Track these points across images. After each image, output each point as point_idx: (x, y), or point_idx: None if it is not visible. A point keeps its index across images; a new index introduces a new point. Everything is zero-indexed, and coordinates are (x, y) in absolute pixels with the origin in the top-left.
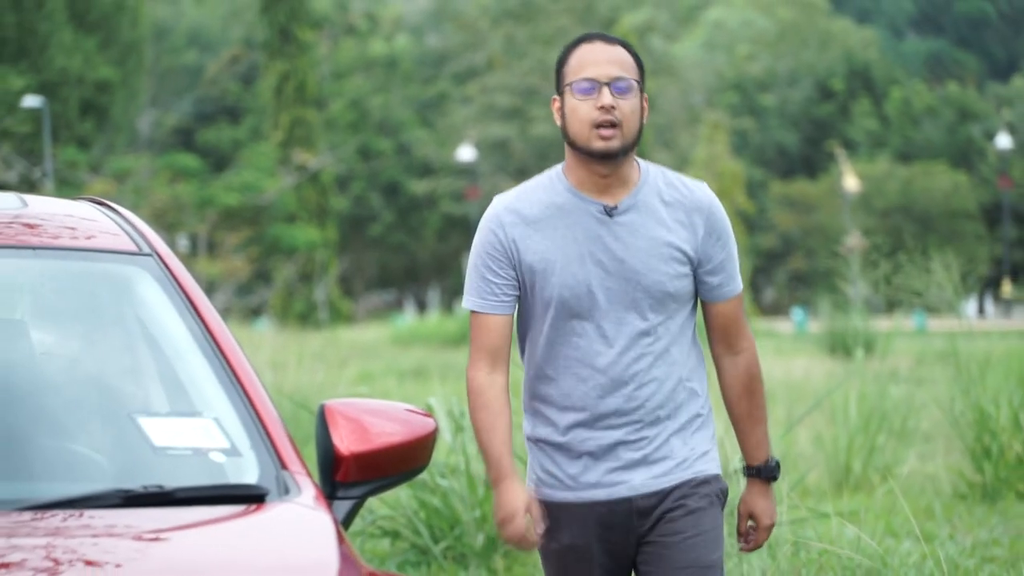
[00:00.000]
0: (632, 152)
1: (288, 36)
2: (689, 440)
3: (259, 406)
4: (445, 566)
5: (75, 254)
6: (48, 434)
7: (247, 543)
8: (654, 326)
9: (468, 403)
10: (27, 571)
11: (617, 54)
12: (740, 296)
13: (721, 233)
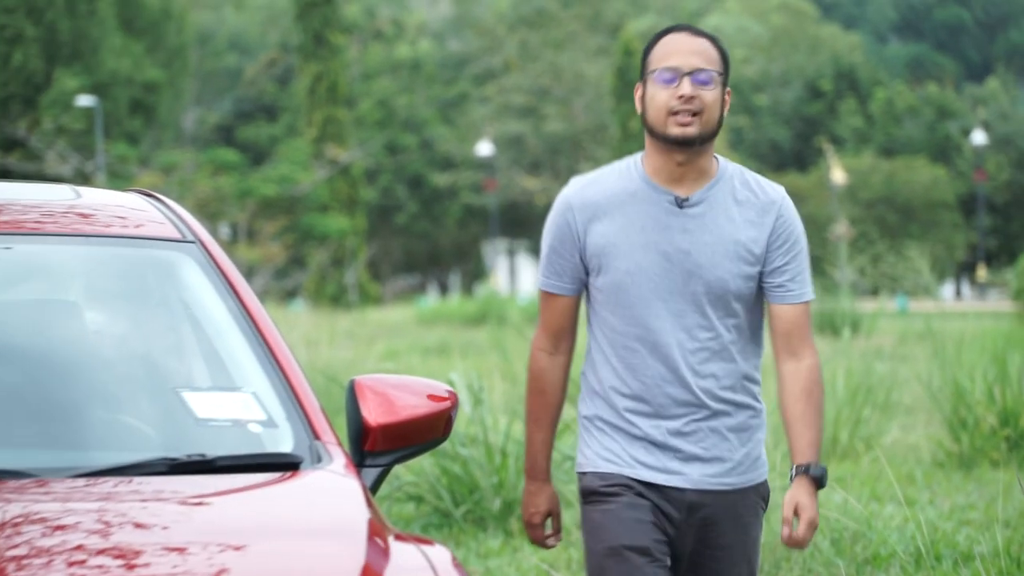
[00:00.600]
0: (710, 144)
1: (321, 41)
2: (746, 442)
3: (294, 381)
4: (465, 528)
5: (124, 241)
6: (99, 407)
7: (282, 507)
8: (713, 322)
9: (527, 377)
10: (81, 533)
11: (701, 46)
12: (806, 305)
13: (789, 237)
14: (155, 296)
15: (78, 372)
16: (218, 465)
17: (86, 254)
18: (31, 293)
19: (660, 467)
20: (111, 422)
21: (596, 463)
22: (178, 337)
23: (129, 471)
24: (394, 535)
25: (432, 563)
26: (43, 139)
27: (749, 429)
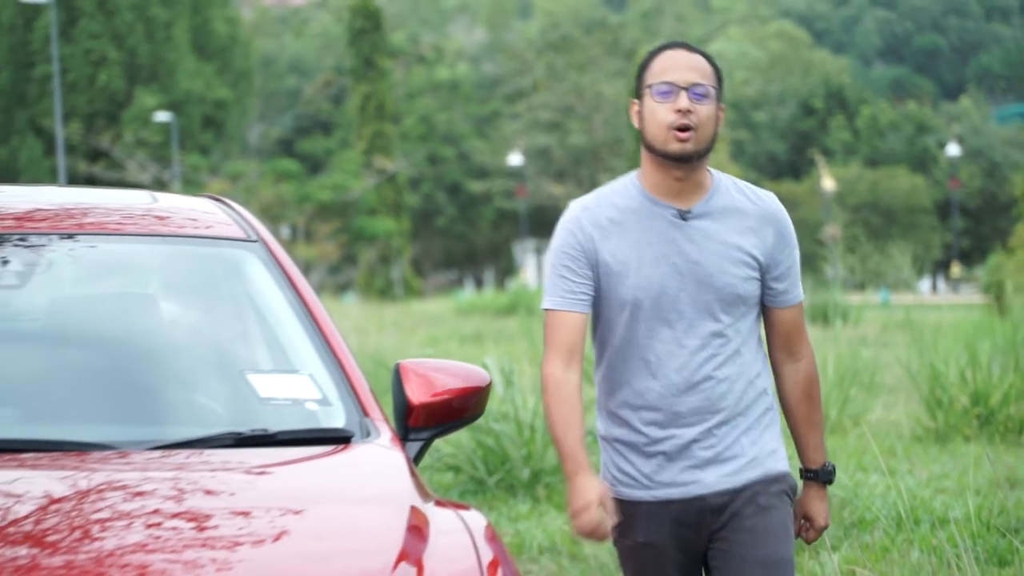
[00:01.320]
0: (706, 158)
1: (370, 64)
2: (759, 438)
3: (345, 364)
4: (497, 494)
5: (196, 241)
6: (174, 387)
7: (335, 476)
8: (725, 328)
9: (544, 398)
10: (157, 499)
11: (697, 62)
12: (802, 304)
13: (788, 241)
14: (223, 289)
15: (155, 357)
16: (279, 439)
17: (162, 252)
18: (113, 287)
19: (677, 482)
20: (184, 401)
21: (616, 489)
22: (243, 326)
23: (200, 444)
24: (434, 501)
25: (468, 526)
26: (125, 150)
27: (762, 426)
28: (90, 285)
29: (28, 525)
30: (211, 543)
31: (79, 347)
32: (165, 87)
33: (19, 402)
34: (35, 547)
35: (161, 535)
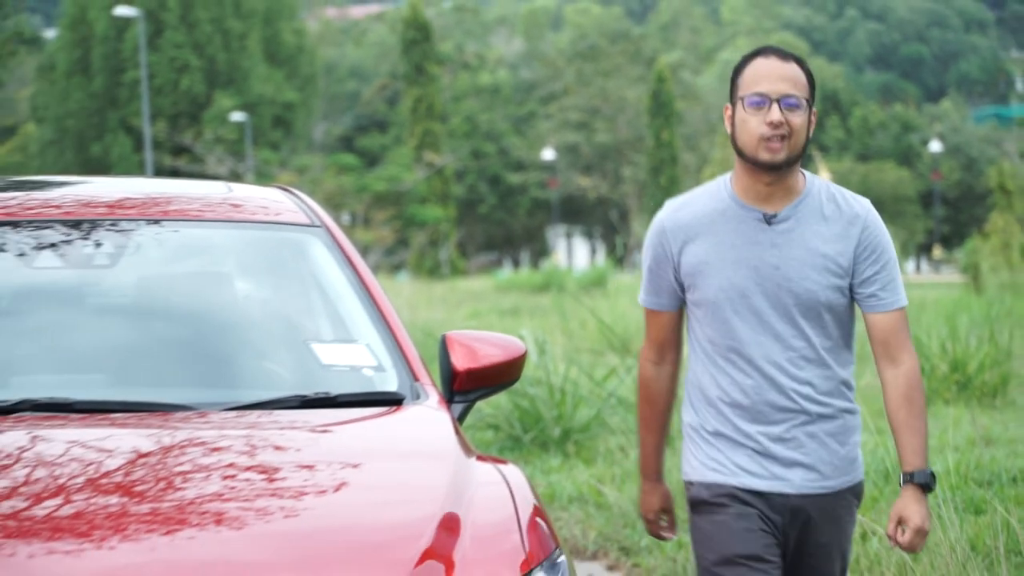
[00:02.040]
0: (797, 164)
1: (421, 70)
2: (843, 444)
3: (398, 335)
4: (532, 450)
5: (266, 226)
6: (247, 355)
7: (389, 433)
8: (806, 332)
9: (637, 387)
10: (232, 453)
11: (789, 71)
12: (900, 311)
13: (875, 248)
14: (290, 269)
15: (230, 329)
16: (339, 401)
17: (236, 236)
18: (193, 267)
19: (765, 474)
20: (255, 367)
21: (703, 473)
22: (307, 301)
23: (269, 405)
24: (476, 456)
25: (506, 478)
26: (205, 146)
27: (845, 432)
28: (173, 265)
29: (118, 476)
30: (279, 493)
31: (163, 320)
32: (240, 91)
33: (111, 368)
34: (124, 496)
35: (235, 486)
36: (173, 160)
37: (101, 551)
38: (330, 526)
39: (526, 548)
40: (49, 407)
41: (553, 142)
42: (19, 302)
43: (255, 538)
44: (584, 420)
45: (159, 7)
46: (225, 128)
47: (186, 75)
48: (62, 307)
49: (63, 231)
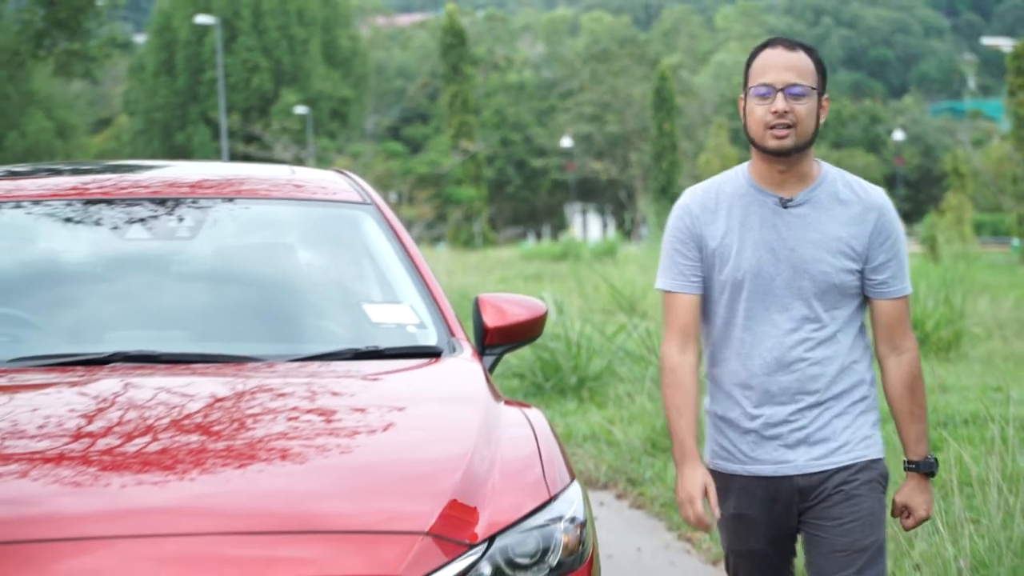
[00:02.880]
0: (809, 150)
1: (457, 70)
2: (851, 424)
3: (437, 297)
4: (551, 396)
5: (324, 204)
6: (308, 314)
7: (430, 380)
8: (819, 313)
9: (661, 379)
10: (295, 398)
11: (794, 60)
12: (906, 298)
13: (889, 235)
14: (344, 241)
15: (294, 292)
16: (386, 353)
17: (298, 212)
18: (261, 239)
19: (768, 459)
20: (315, 325)
21: (714, 461)
22: (360, 268)
23: (327, 357)
24: (503, 401)
25: (529, 420)
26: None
27: (855, 412)
28: (244, 237)
29: (198, 418)
30: (336, 432)
31: (236, 284)
32: (303, 88)
33: (192, 326)
34: (203, 435)
35: (298, 426)
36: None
37: (183, 482)
38: (378, 460)
39: (547, 480)
40: (138, 359)
41: (570, 132)
42: (113, 269)
43: (314, 471)
44: (597, 370)
45: (233, 16)
46: (290, 120)
47: (256, 74)
48: (149, 273)
49: (150, 208)
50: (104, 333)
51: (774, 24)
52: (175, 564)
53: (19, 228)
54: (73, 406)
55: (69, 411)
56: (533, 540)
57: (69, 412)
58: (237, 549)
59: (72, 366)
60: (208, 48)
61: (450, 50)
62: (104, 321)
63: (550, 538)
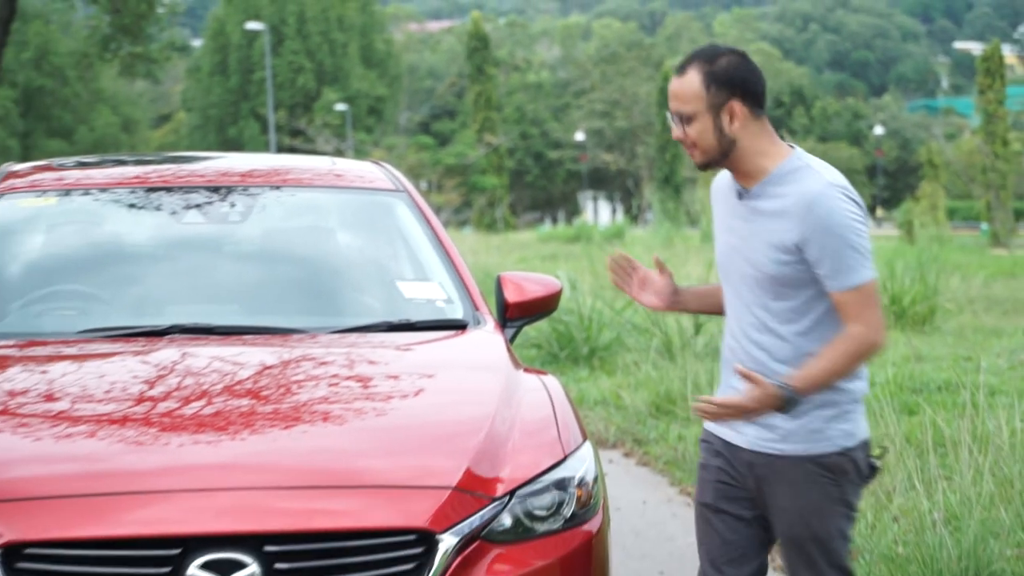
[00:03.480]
0: (736, 155)
1: (482, 71)
2: (801, 415)
3: (463, 275)
4: (565, 364)
5: (361, 191)
6: (347, 290)
7: (456, 350)
8: (766, 301)
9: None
10: (335, 366)
11: (679, 87)
12: (850, 291)
13: (821, 229)
14: (379, 224)
15: (334, 270)
16: (417, 326)
17: (338, 198)
18: (306, 222)
19: (730, 426)
20: (354, 300)
21: (705, 422)
22: (393, 249)
23: (364, 329)
24: (523, 368)
25: (545, 385)
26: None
27: (811, 407)
28: (290, 221)
29: (248, 383)
30: (373, 396)
31: (283, 263)
32: (343, 87)
33: (243, 300)
34: (253, 399)
35: (338, 391)
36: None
37: (235, 441)
38: (410, 422)
39: (561, 440)
40: (194, 330)
41: (583, 126)
42: (171, 249)
43: (352, 431)
44: (606, 341)
45: (280, 22)
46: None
47: (301, 75)
48: (204, 254)
49: (205, 195)
50: (164, 307)
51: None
52: (228, 515)
53: (88, 213)
54: (136, 373)
55: (133, 377)
56: (549, 494)
57: (133, 378)
58: (283, 501)
59: (135, 337)
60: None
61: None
62: (164, 296)
63: (564, 492)
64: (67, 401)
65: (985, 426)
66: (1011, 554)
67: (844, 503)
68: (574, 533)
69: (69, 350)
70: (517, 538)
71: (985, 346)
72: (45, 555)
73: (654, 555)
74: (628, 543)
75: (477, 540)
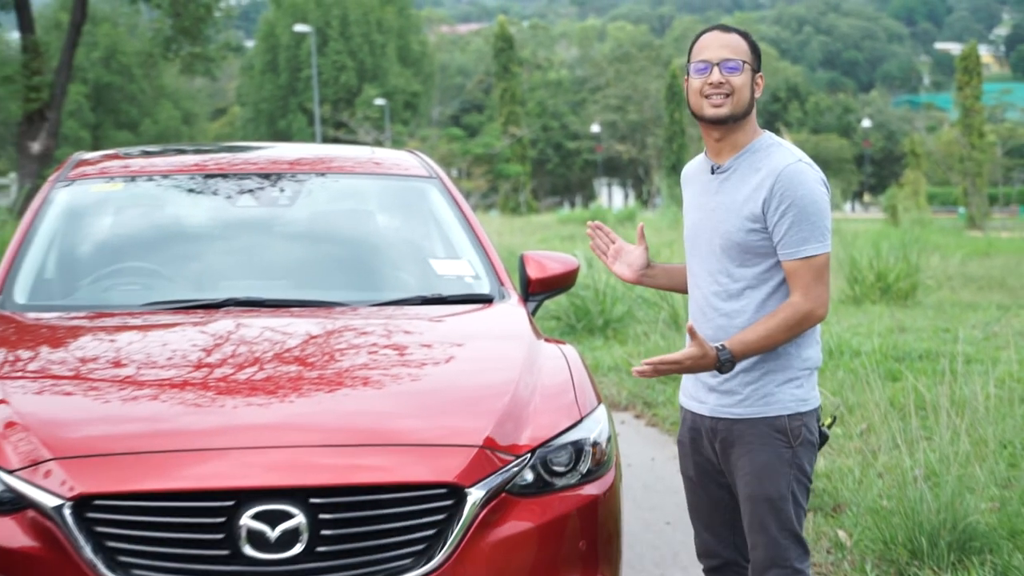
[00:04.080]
0: (744, 121)
1: (507, 69)
2: (756, 380)
3: (490, 254)
4: (582, 335)
5: (398, 177)
6: (385, 267)
7: (484, 320)
8: (730, 269)
9: None
10: (374, 336)
11: (728, 39)
12: (801, 261)
13: (784, 199)
14: (414, 207)
15: (373, 249)
16: (448, 300)
17: (377, 184)
18: (348, 205)
19: (695, 397)
20: (391, 276)
21: (679, 394)
22: (426, 230)
23: (400, 303)
24: (543, 338)
25: (564, 353)
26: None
27: (760, 369)
28: (333, 204)
29: (296, 351)
30: (408, 363)
31: (327, 243)
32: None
33: (291, 276)
34: (300, 365)
35: (376, 358)
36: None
37: (283, 404)
38: (441, 386)
39: (578, 403)
40: (247, 303)
41: (598, 120)
42: (227, 230)
43: (389, 395)
44: (619, 314)
45: (325, 25)
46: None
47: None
48: (256, 234)
49: (257, 181)
50: (219, 282)
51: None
52: (278, 470)
53: (151, 197)
54: (195, 342)
55: (191, 346)
56: (567, 452)
57: (191, 347)
58: (327, 458)
59: (194, 309)
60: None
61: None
62: (219, 273)
63: (581, 450)
64: (132, 367)
65: (962, 391)
66: (985, 507)
67: (796, 467)
68: (589, 487)
69: (134, 321)
70: (538, 492)
71: (962, 319)
72: (112, 506)
73: (662, 506)
74: (638, 496)
75: (502, 493)
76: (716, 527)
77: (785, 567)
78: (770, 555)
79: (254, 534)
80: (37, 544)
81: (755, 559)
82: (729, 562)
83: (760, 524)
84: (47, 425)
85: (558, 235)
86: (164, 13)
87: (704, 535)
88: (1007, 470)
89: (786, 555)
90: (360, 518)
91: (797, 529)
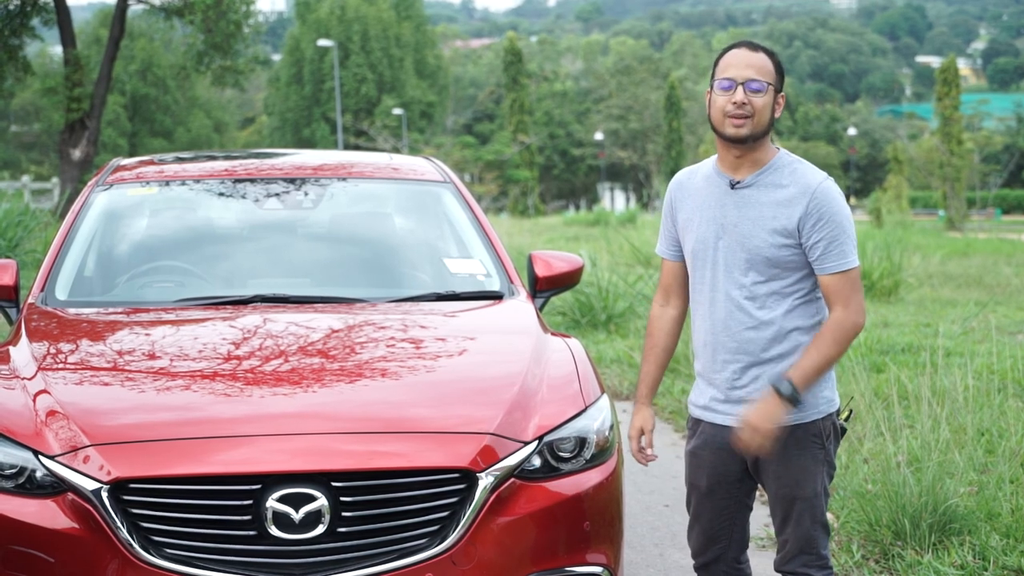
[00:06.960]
0: (763, 139)
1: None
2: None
3: (501, 253)
4: (586, 329)
5: (414, 182)
6: (402, 266)
7: (494, 315)
8: (756, 282)
9: (647, 326)
10: (392, 330)
11: (755, 59)
12: (841, 274)
13: (821, 216)
14: (429, 210)
15: (391, 249)
16: (461, 296)
17: (395, 188)
18: (367, 208)
19: (720, 410)
20: (408, 274)
21: (689, 404)
22: (441, 231)
23: (417, 299)
24: (550, 332)
25: (569, 347)
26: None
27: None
28: (354, 207)
29: (319, 344)
30: (423, 355)
31: (347, 243)
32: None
33: (314, 274)
34: (322, 358)
35: (394, 351)
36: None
37: (307, 393)
38: (455, 377)
39: (583, 393)
40: (273, 299)
41: (601, 128)
42: (254, 231)
43: (406, 385)
44: (621, 309)
45: (347, 40)
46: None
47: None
48: (282, 235)
49: (283, 185)
50: (247, 280)
51: None
52: (302, 455)
53: (184, 200)
54: (224, 335)
55: (221, 339)
56: (572, 439)
57: (221, 340)
58: (348, 444)
59: (223, 305)
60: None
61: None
62: (247, 271)
63: (585, 437)
64: (166, 359)
65: (942, 382)
66: (964, 491)
67: (827, 463)
68: (593, 472)
69: (168, 316)
70: (545, 476)
71: (942, 314)
72: (146, 489)
73: (661, 490)
74: (639, 480)
75: (511, 478)
76: (715, 531)
77: (812, 553)
78: (800, 545)
79: (279, 516)
80: (77, 525)
81: (784, 549)
82: (720, 557)
83: (796, 521)
84: (86, 414)
85: (564, 236)
86: (197, 29)
87: (702, 539)
88: (984, 456)
89: (815, 544)
90: (378, 500)
91: (825, 519)
